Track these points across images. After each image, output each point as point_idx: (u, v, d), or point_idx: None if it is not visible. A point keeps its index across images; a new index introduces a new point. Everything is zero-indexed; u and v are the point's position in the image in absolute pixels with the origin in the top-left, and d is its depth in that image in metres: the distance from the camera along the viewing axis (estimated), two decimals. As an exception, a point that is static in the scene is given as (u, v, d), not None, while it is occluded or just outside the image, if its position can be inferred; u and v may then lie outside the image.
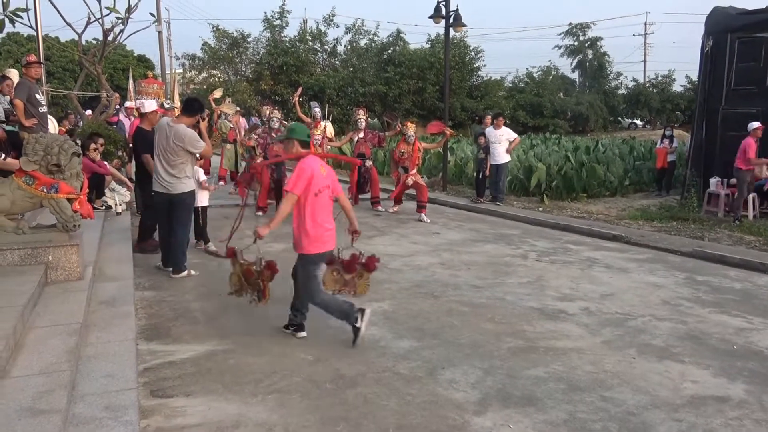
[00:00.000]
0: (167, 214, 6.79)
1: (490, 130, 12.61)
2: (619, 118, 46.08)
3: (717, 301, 6.36)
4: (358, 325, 4.83)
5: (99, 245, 7.10)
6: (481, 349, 4.91)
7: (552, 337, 5.21)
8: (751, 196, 11.28)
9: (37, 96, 7.55)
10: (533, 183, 13.90)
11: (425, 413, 3.83)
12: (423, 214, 10.93)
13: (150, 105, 7.69)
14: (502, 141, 12.36)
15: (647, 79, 47.01)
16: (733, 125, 12.31)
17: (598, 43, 46.82)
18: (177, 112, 13.94)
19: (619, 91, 46.46)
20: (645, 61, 52.66)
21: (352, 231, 5.08)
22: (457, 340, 5.10)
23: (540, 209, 12.26)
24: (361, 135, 11.86)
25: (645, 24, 53.05)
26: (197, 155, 6.80)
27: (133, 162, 8.67)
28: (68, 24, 13.05)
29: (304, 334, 5.08)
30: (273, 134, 11.09)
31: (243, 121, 15.56)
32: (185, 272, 6.81)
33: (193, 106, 6.81)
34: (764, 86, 11.80)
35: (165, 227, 6.91)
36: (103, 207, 9.35)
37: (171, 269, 6.86)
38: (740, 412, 3.90)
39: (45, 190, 5.41)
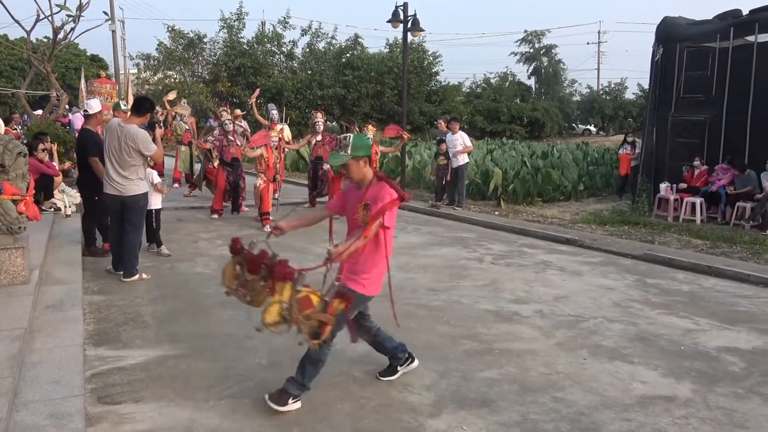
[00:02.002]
0: (119, 217, 6.63)
1: (448, 136, 12.70)
2: (574, 125, 46.99)
3: (666, 303, 6.51)
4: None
5: (47, 248, 6.90)
6: (437, 352, 4.92)
7: (506, 339, 5.26)
8: (698, 201, 11.62)
9: (-19, 94, 7.31)
10: (490, 187, 14.05)
11: (380, 416, 3.82)
12: (380, 218, 10.90)
13: (95, 105, 7.51)
14: (457, 146, 12.46)
15: (601, 87, 48.09)
16: (682, 132, 12.70)
17: (553, 51, 47.70)
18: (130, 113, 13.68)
19: (574, 98, 47.44)
20: (598, 69, 53.83)
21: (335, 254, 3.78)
22: (412, 343, 5.07)
23: (496, 213, 12.40)
24: (319, 138, 11.81)
25: (599, 32, 54.22)
26: (148, 158, 6.66)
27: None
28: (16, 21, 12.70)
29: (416, 363, 4.51)
30: (229, 136, 10.96)
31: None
32: (137, 276, 6.65)
33: (143, 105, 6.65)
34: (711, 94, 12.19)
35: (116, 230, 6.74)
36: (52, 209, 9.10)
37: (122, 273, 6.70)
38: (687, 411, 3.99)
39: (-12, 191, 5.24)
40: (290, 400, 3.84)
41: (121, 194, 6.47)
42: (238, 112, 12.83)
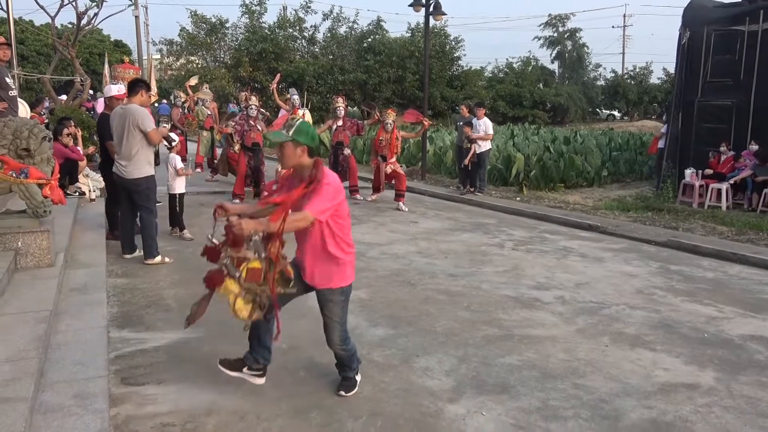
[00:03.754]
0: (128, 199, 6.77)
1: (474, 120, 12.59)
2: (598, 110, 46.42)
3: (689, 290, 6.43)
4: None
5: (71, 232, 6.99)
6: (456, 337, 4.91)
7: (527, 326, 5.24)
8: (724, 187, 11.43)
9: (7, 79, 7.38)
10: (512, 173, 13.94)
11: (399, 401, 3.83)
12: (401, 203, 10.92)
13: (114, 89, 7.56)
14: (480, 131, 12.37)
15: (625, 71, 47.39)
16: (709, 117, 12.47)
17: (577, 35, 47.10)
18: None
19: (598, 83, 46.83)
20: (623, 53, 53.05)
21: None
22: (432, 328, 5.11)
23: (518, 199, 12.31)
24: (340, 123, 11.79)
25: (624, 16, 53.48)
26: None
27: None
28: (41, 7, 12.84)
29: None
30: (251, 122, 10.99)
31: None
32: (158, 258, 6.73)
33: (136, 84, 6.75)
34: (739, 79, 11.93)
35: (125, 212, 6.93)
36: (77, 193, 9.20)
37: (126, 253, 6.90)
38: (709, 399, 3.95)
39: (14, 175, 5.31)
40: (245, 369, 3.88)
41: (124, 177, 6.60)
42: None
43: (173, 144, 7.75)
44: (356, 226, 9.24)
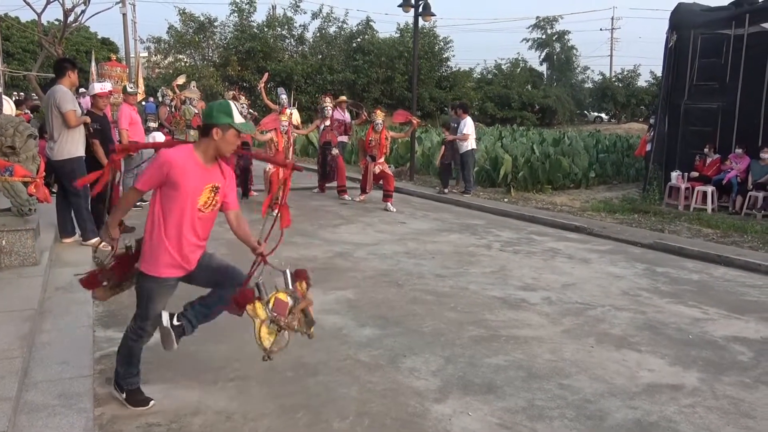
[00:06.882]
0: (60, 183, 6.82)
1: (455, 120, 12.64)
2: (585, 112, 46.71)
3: (675, 291, 6.48)
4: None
5: (57, 230, 6.94)
6: (443, 338, 4.93)
7: (513, 326, 5.26)
8: (710, 190, 11.53)
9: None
10: (500, 174, 13.98)
11: (386, 401, 3.84)
12: (389, 204, 10.93)
13: (98, 87, 7.50)
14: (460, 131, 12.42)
15: (613, 74, 47.74)
16: (695, 120, 12.56)
17: (566, 37, 47.36)
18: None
19: (586, 85, 47.18)
20: (611, 56, 53.43)
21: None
22: (419, 329, 5.12)
23: (505, 200, 12.35)
24: (328, 123, 11.79)
25: (612, 19, 53.80)
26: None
27: None
28: (27, 3, 12.76)
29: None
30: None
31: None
32: (94, 240, 6.76)
33: (59, 65, 6.79)
34: (725, 82, 12.03)
35: (59, 195, 6.95)
36: (62, 191, 9.14)
37: (63, 237, 6.92)
38: (693, 400, 3.99)
39: (-1, 173, 5.27)
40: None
41: (50, 158, 6.67)
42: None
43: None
44: (344, 227, 9.25)
